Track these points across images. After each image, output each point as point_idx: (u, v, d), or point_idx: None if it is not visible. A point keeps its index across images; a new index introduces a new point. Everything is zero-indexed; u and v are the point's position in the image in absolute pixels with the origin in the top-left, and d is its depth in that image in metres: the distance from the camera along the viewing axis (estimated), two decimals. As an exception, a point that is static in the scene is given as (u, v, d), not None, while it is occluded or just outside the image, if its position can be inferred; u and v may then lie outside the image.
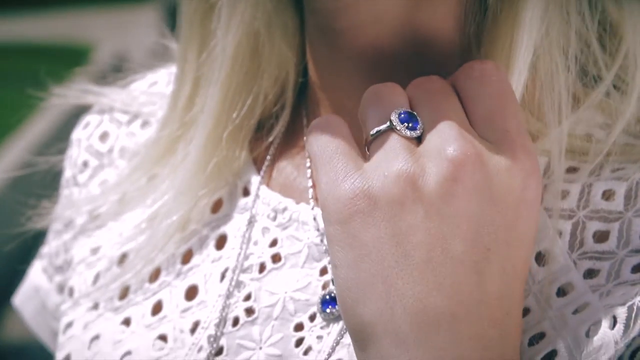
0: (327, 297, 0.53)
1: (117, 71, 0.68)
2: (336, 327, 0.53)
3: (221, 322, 0.55)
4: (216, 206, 0.60)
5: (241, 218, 0.58)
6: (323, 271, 0.55)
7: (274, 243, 0.57)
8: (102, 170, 0.67)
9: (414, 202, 0.44)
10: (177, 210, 0.59)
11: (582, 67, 0.51)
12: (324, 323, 0.53)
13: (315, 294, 0.54)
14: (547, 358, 0.48)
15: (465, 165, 0.44)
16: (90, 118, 0.70)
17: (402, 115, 0.46)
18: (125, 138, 0.67)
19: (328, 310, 0.53)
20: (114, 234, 0.63)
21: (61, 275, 0.68)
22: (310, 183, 0.58)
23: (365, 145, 0.47)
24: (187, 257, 0.59)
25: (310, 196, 0.57)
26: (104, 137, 0.68)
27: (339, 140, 0.46)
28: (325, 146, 0.46)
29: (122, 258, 0.61)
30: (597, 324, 0.47)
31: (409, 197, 0.44)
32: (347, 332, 0.51)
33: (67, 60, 5.31)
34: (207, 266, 0.58)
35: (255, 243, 0.57)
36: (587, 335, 0.47)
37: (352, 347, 0.51)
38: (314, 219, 0.56)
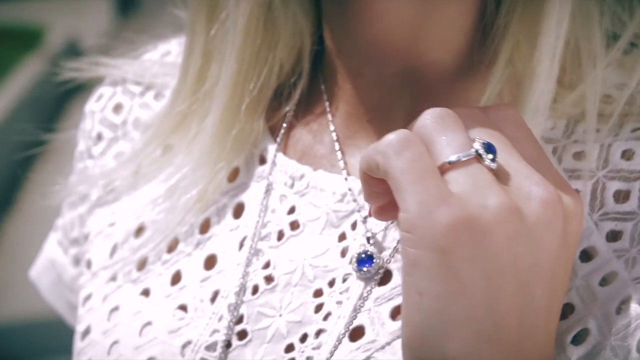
0: (363, 255, 0.53)
1: (71, 54, 0.68)
2: (355, 292, 0.53)
3: (241, 291, 0.55)
4: (233, 175, 0.59)
5: (258, 186, 0.58)
6: (341, 237, 0.55)
7: (291, 210, 0.57)
8: (117, 142, 0.67)
9: (518, 239, 0.42)
10: (195, 184, 0.58)
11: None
12: (344, 288, 0.54)
13: (334, 260, 0.54)
14: (578, 336, 0.48)
15: (554, 208, 0.42)
16: (103, 90, 0.69)
17: (486, 145, 0.44)
18: (139, 109, 0.66)
19: (365, 269, 0.53)
20: (130, 207, 0.62)
21: (76, 247, 0.68)
22: (327, 151, 0.58)
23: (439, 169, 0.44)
24: (205, 227, 0.59)
25: (330, 163, 0.57)
26: (117, 108, 0.67)
27: (427, 160, 0.43)
28: (412, 163, 0.43)
29: (139, 230, 0.61)
30: (627, 301, 0.46)
31: (519, 233, 0.42)
32: (368, 298, 0.52)
33: (19, 43, 5.23)
34: (225, 235, 0.58)
35: (273, 211, 0.57)
36: (618, 312, 0.47)
37: (372, 312, 0.52)
38: (348, 189, 0.55)
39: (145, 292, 0.59)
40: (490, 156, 0.44)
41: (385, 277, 0.53)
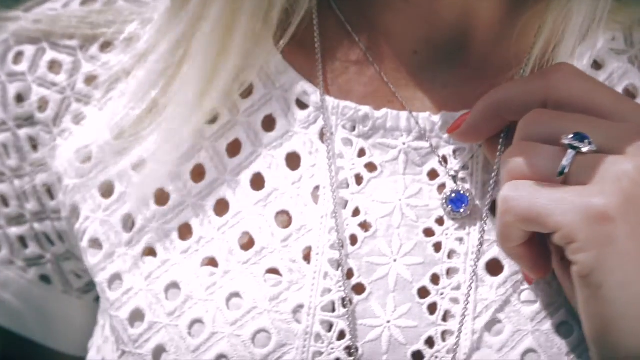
0: (453, 195, 0.52)
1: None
2: (474, 227, 0.51)
3: (336, 244, 0.51)
4: (269, 124, 0.54)
5: (308, 133, 0.54)
6: (432, 175, 0.52)
7: (362, 153, 0.53)
8: (71, 105, 0.57)
9: None
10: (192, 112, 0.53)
11: None
12: (457, 225, 0.51)
13: (433, 199, 0.52)
14: None
15: None
16: (22, 48, 0.58)
17: (575, 137, 0.46)
18: (88, 64, 0.57)
19: (462, 210, 0.51)
20: (128, 174, 0.55)
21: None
22: (375, 87, 0.54)
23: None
24: (257, 183, 0.53)
25: (386, 100, 0.54)
26: (55, 66, 0.58)
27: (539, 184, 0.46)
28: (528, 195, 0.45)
29: (161, 196, 0.54)
30: None
31: None
32: (490, 231, 0.51)
33: None
34: (288, 189, 0.53)
35: (341, 156, 0.53)
36: None
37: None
38: (416, 122, 0.53)
39: (210, 262, 0.52)
40: (586, 141, 0.45)
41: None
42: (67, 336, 0.62)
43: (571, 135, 0.45)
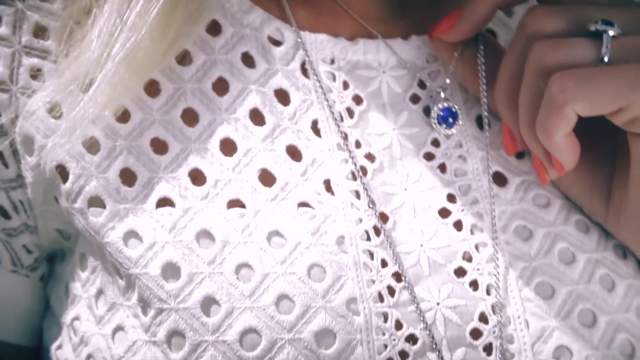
0: (443, 113, 0.53)
1: None
2: (470, 144, 0.53)
3: (350, 175, 0.51)
4: (248, 62, 0.53)
5: (289, 69, 0.53)
6: (414, 99, 0.54)
7: (346, 86, 0.53)
8: (23, 58, 0.51)
9: None
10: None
11: None
12: (453, 143, 0.53)
13: (422, 123, 0.53)
14: None
15: None
16: None
17: (600, 23, 0.47)
18: (32, 14, 0.52)
19: (455, 126, 0.53)
20: (106, 123, 0.50)
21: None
22: (343, 17, 0.55)
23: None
24: (258, 118, 0.51)
25: (357, 30, 0.55)
26: (39, 31, 0.52)
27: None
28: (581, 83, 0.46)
29: (158, 144, 0.50)
30: None
31: None
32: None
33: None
34: (287, 123, 0.52)
35: (329, 90, 0.53)
36: None
37: (501, 158, 0.53)
38: (392, 50, 0.54)
39: (236, 203, 0.49)
40: (615, 26, 0.46)
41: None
42: (9, 321, 0.55)
43: (599, 22, 0.47)
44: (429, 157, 0.53)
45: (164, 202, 0.49)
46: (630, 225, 0.49)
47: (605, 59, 0.46)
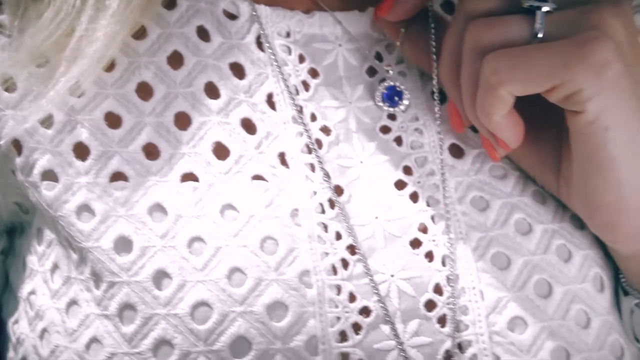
0: (387, 91, 0.53)
1: None
2: (427, 117, 0.53)
3: (305, 148, 0.50)
4: (203, 35, 0.52)
5: (244, 43, 0.53)
6: (371, 72, 0.54)
7: (301, 59, 0.53)
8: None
9: None
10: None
11: None
12: (409, 116, 0.53)
13: (378, 97, 0.53)
14: None
15: None
16: None
17: None
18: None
19: (400, 105, 0.53)
20: (62, 98, 0.49)
21: None
22: None
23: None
24: (212, 92, 0.51)
25: (311, 2, 0.54)
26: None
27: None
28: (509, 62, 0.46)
29: (113, 119, 0.50)
30: None
31: None
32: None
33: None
34: (242, 97, 0.51)
35: (284, 63, 0.52)
36: None
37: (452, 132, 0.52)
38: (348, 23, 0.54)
39: (189, 177, 0.49)
40: (543, 1, 0.46)
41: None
42: None
43: None
44: (385, 130, 0.53)
45: (118, 176, 0.48)
46: (578, 196, 0.49)
47: (540, 36, 0.46)
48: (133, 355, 0.46)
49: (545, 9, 0.46)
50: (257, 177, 0.49)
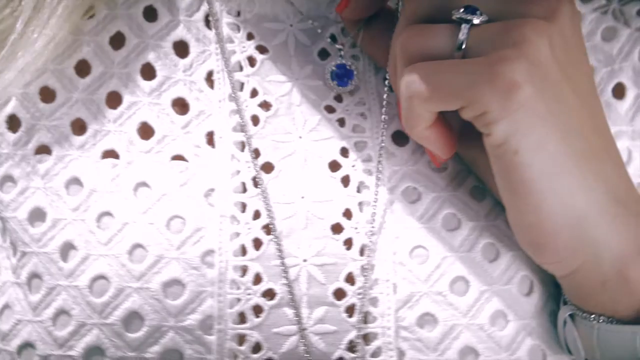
0: (337, 70, 0.52)
1: None
2: (374, 101, 0.52)
3: (238, 126, 0.50)
4: (150, 15, 0.53)
5: (192, 20, 0.53)
6: (323, 54, 0.53)
7: (250, 36, 0.53)
8: None
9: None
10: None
11: None
12: (356, 100, 0.52)
13: (327, 77, 0.52)
14: None
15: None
16: None
17: (464, 11, 0.45)
18: None
19: (349, 85, 0.52)
20: None
21: None
22: None
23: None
24: (148, 73, 0.51)
25: None
26: None
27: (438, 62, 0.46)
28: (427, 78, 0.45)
29: (46, 93, 0.51)
30: None
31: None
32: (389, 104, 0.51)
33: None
34: (181, 76, 0.52)
35: (230, 40, 0.52)
36: None
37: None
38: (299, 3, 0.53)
39: (110, 154, 0.49)
40: (477, 13, 0.44)
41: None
42: None
43: (462, 9, 0.44)
44: (329, 109, 0.52)
45: (42, 149, 0.50)
46: (507, 213, 0.46)
47: (462, 50, 0.44)
48: (35, 323, 0.47)
49: (476, 21, 0.44)
50: (178, 157, 0.49)
